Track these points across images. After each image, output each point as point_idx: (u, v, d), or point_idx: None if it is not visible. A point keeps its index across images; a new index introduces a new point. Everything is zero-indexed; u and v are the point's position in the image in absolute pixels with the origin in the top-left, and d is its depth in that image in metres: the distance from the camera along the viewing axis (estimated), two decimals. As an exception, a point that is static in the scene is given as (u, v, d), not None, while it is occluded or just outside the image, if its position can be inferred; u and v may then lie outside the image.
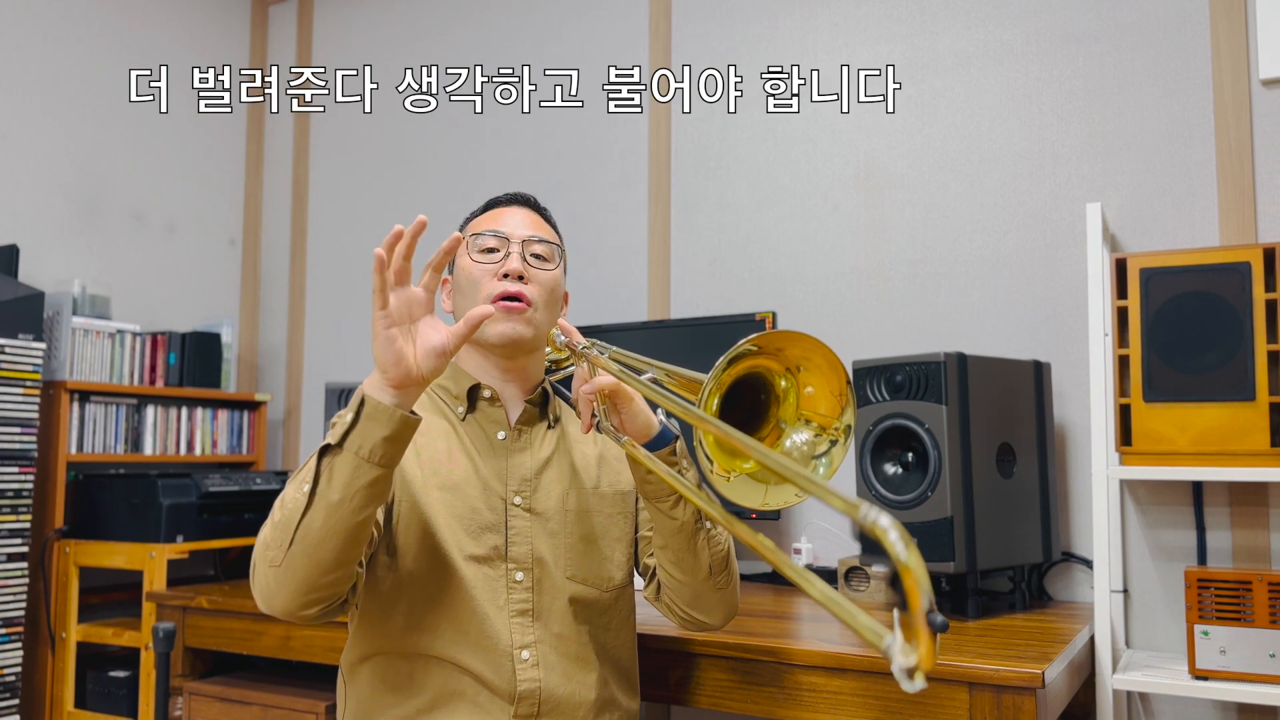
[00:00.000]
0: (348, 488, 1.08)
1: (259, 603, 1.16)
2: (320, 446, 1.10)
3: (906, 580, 0.54)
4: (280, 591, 1.12)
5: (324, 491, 1.08)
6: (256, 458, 3.09)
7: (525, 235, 1.38)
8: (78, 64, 2.90)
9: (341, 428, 1.09)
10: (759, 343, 0.94)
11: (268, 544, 1.12)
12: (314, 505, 1.08)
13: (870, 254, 2.33)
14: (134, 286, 3.03)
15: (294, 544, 1.09)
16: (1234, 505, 1.89)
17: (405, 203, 3.07)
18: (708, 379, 0.92)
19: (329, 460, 1.08)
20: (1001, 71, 2.21)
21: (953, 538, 1.70)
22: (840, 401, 0.97)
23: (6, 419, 2.36)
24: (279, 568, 1.10)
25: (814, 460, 0.99)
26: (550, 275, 1.38)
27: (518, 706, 1.26)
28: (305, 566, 1.10)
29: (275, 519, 1.12)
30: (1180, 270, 1.73)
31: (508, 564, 1.31)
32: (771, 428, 1.01)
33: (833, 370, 0.96)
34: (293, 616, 1.15)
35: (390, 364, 1.08)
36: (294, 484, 1.12)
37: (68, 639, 2.52)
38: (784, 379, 0.99)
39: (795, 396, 0.99)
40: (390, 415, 1.08)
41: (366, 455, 1.08)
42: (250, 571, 1.18)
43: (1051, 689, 1.40)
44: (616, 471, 1.43)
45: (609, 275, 2.66)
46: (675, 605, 1.35)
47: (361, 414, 1.08)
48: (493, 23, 2.95)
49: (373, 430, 1.08)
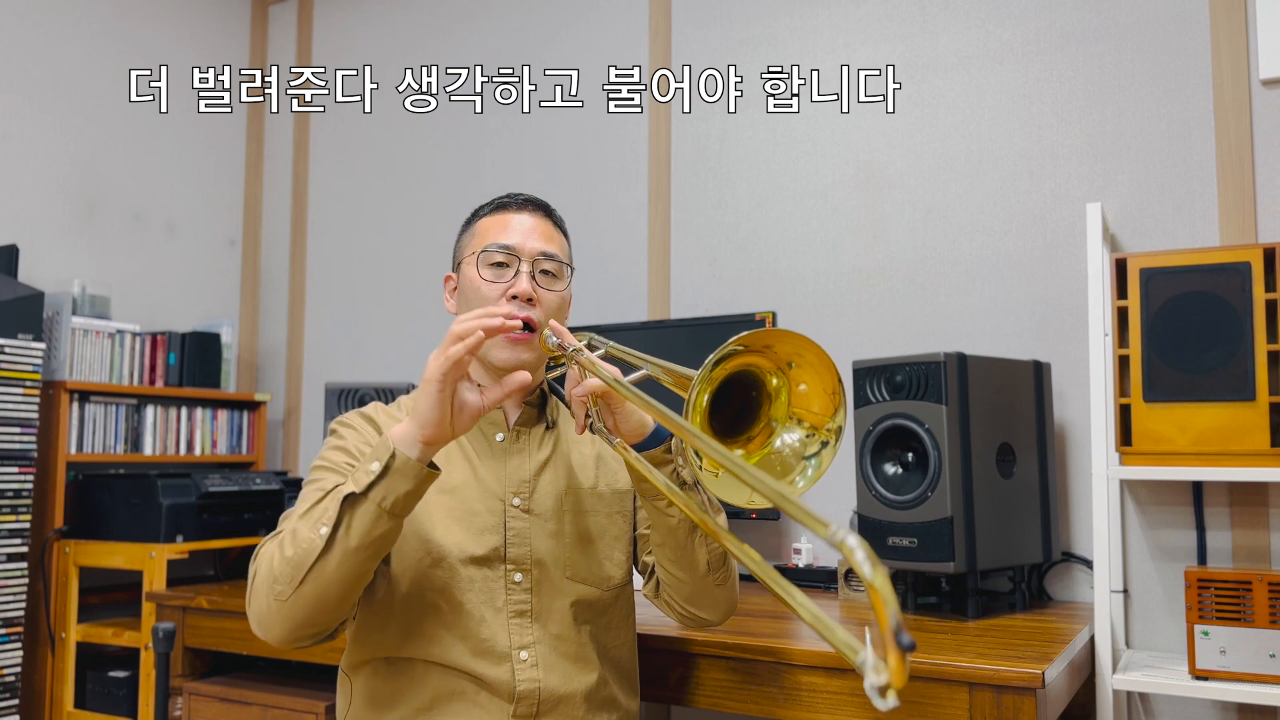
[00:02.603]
0: (366, 536, 1.11)
1: (254, 627, 1.18)
2: (343, 495, 1.12)
3: (874, 600, 0.53)
4: (281, 624, 1.15)
5: (343, 538, 1.11)
6: (256, 458, 3.09)
7: (536, 250, 1.34)
8: (78, 64, 2.90)
9: (366, 477, 1.11)
10: (746, 341, 0.93)
11: (276, 577, 1.13)
12: (331, 550, 1.11)
13: (870, 254, 2.33)
14: (134, 286, 3.03)
15: (304, 583, 1.11)
16: (1234, 505, 1.89)
17: (405, 203, 3.07)
18: (693, 383, 0.91)
19: (350, 509, 1.11)
20: (1001, 71, 2.21)
21: (953, 538, 1.70)
22: (833, 401, 0.97)
23: (6, 419, 2.36)
24: (285, 602, 1.13)
25: (804, 460, 0.98)
26: (558, 296, 1.37)
27: (517, 707, 1.26)
28: (311, 605, 1.13)
29: (286, 554, 1.13)
30: (1180, 270, 1.72)
31: (506, 565, 1.31)
32: (763, 426, 1.01)
33: (825, 368, 0.96)
34: (285, 646, 1.18)
35: (434, 422, 1.11)
36: (306, 522, 1.13)
37: (67, 639, 2.52)
38: (776, 376, 0.98)
39: (787, 394, 0.99)
40: (417, 472, 1.12)
41: (388, 508, 1.11)
42: (247, 592, 1.19)
43: (1051, 689, 1.40)
44: (614, 471, 1.43)
45: (609, 275, 2.66)
46: (674, 602, 1.35)
47: (391, 468, 1.11)
48: (493, 23, 2.95)
49: (398, 484, 1.11)
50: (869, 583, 0.54)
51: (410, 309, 3.01)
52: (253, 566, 1.19)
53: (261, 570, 1.16)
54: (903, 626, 0.52)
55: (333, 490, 1.15)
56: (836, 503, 2.22)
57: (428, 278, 2.98)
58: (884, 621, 0.53)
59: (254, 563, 1.19)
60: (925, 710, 1.39)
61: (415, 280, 3.01)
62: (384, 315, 3.07)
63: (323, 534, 1.10)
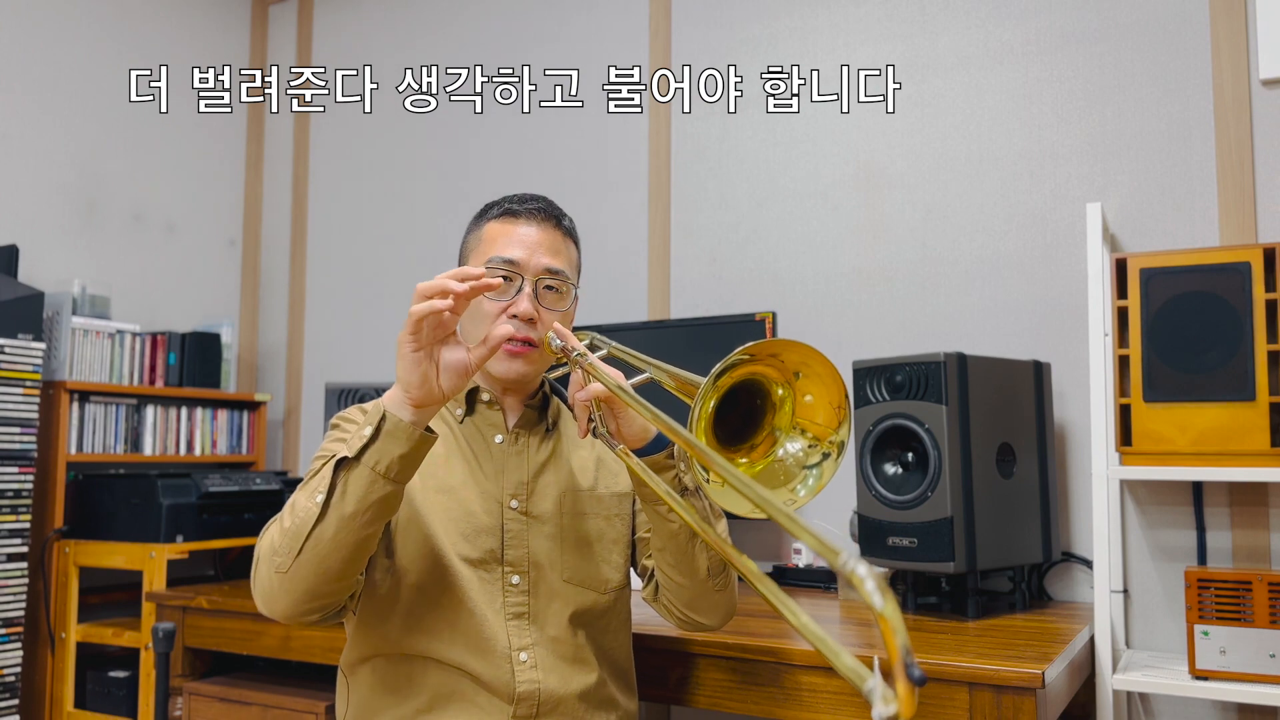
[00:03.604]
0: (361, 501, 1.10)
1: (259, 604, 1.18)
2: (336, 458, 1.11)
3: (884, 631, 0.53)
4: (284, 596, 1.14)
5: (338, 503, 1.10)
6: (256, 458, 3.09)
7: (540, 267, 1.31)
8: (78, 64, 2.90)
9: (359, 441, 1.10)
10: (753, 350, 0.93)
11: (275, 549, 1.13)
12: (327, 516, 1.10)
13: (870, 254, 2.33)
14: (134, 286, 3.03)
15: (303, 552, 1.11)
16: (1234, 505, 1.89)
17: (405, 203, 3.07)
18: (698, 395, 0.91)
19: (344, 473, 1.10)
20: (1001, 71, 2.21)
21: (953, 538, 1.70)
22: (838, 415, 0.97)
23: (6, 419, 2.36)
24: (285, 574, 1.12)
25: (805, 470, 0.99)
26: (560, 316, 1.33)
27: (516, 707, 1.26)
28: (311, 575, 1.12)
29: (285, 525, 1.13)
30: (1180, 270, 1.72)
31: (503, 567, 1.30)
32: (766, 434, 1.01)
33: (832, 380, 0.96)
34: (292, 621, 1.17)
35: (415, 384, 1.10)
36: (305, 492, 1.13)
37: (67, 639, 2.52)
38: (782, 386, 0.99)
39: (792, 404, 0.99)
40: (409, 433, 1.11)
41: (383, 471, 1.10)
42: (251, 571, 1.19)
43: (1051, 689, 1.40)
44: (615, 474, 1.43)
45: (609, 275, 2.66)
46: (673, 607, 1.35)
47: (382, 430, 1.10)
48: (493, 23, 2.95)
49: (391, 447, 1.10)
50: (879, 613, 0.54)
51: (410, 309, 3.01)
52: (257, 547, 1.19)
53: (264, 545, 1.16)
54: (913, 658, 0.53)
55: (330, 460, 1.14)
56: (837, 503, 2.22)
57: (428, 277, 2.98)
58: (894, 653, 0.53)
59: (259, 543, 1.19)
60: (925, 710, 1.39)
61: (415, 280, 2.99)
62: (384, 315, 3.07)
63: (318, 501, 1.10)
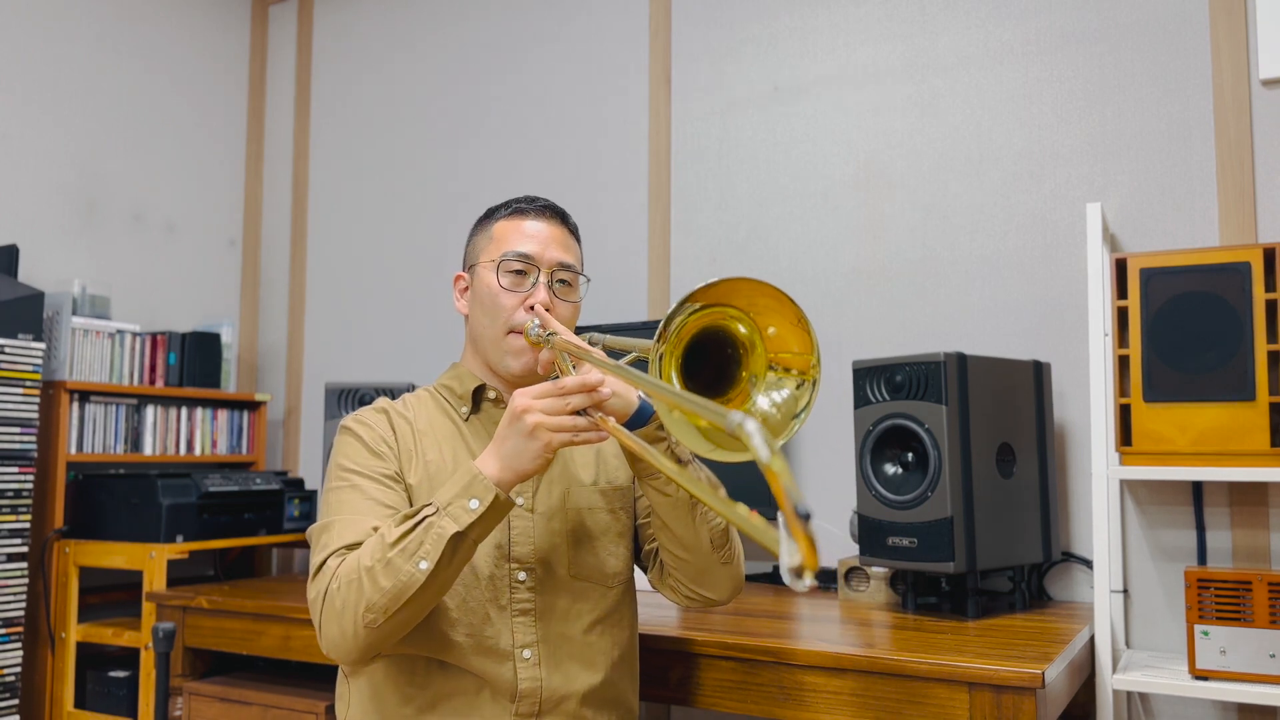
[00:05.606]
0: (460, 567, 1.17)
1: (328, 647, 1.19)
2: (450, 533, 1.13)
3: (772, 482, 0.54)
4: (365, 649, 1.18)
5: (443, 570, 1.14)
6: (256, 458, 3.09)
7: (554, 260, 1.37)
8: (78, 64, 2.90)
9: (467, 515, 1.14)
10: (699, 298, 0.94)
11: (370, 606, 1.14)
12: (433, 583, 1.14)
13: (870, 254, 2.33)
14: (134, 286, 3.03)
15: (400, 611, 1.14)
16: (1234, 505, 1.89)
17: (405, 203, 3.07)
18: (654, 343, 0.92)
19: (454, 544, 1.14)
20: (1001, 71, 2.21)
21: (953, 538, 1.70)
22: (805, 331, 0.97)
23: (6, 419, 2.36)
24: (376, 629, 1.15)
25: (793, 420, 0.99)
26: (572, 307, 1.39)
27: (518, 705, 1.26)
28: (399, 629, 1.18)
29: (383, 585, 1.13)
30: (1180, 270, 1.72)
31: (510, 564, 1.31)
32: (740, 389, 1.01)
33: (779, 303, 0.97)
34: (353, 664, 1.27)
35: (530, 472, 1.16)
36: (402, 555, 1.13)
37: (67, 639, 2.52)
38: (744, 324, 0.98)
39: (761, 342, 0.99)
40: (507, 510, 1.18)
41: (475, 537, 1.16)
42: (318, 613, 1.19)
43: (1051, 689, 1.40)
44: (614, 468, 1.44)
45: (609, 275, 2.66)
46: (681, 584, 1.36)
47: (493, 508, 1.15)
48: (493, 23, 2.95)
49: (492, 522, 1.16)
50: (765, 465, 0.54)
51: (410, 309, 3.01)
52: (326, 585, 1.18)
53: (347, 595, 1.16)
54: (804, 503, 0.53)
55: (420, 521, 1.15)
56: (837, 503, 2.22)
57: (428, 277, 2.98)
58: (783, 502, 0.53)
59: (330, 581, 1.18)
60: (925, 710, 1.39)
61: (415, 280, 3.01)
62: (384, 315, 3.07)
63: (423, 569, 1.13)
